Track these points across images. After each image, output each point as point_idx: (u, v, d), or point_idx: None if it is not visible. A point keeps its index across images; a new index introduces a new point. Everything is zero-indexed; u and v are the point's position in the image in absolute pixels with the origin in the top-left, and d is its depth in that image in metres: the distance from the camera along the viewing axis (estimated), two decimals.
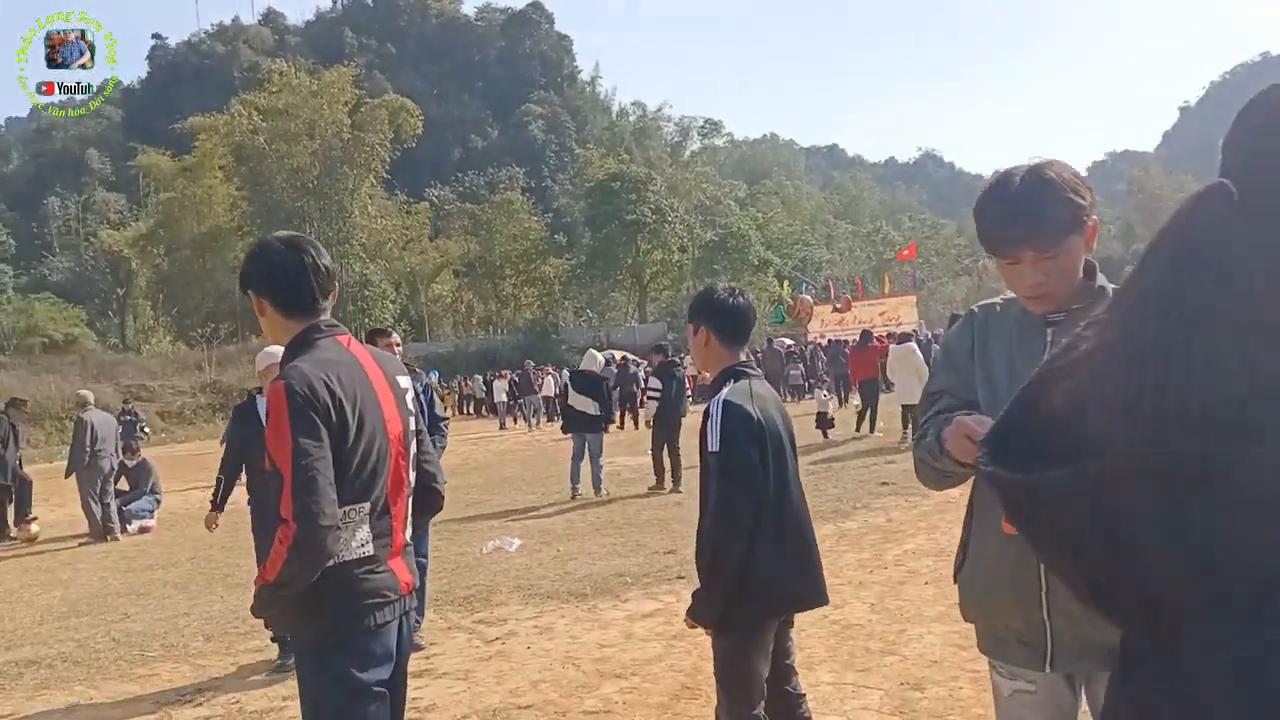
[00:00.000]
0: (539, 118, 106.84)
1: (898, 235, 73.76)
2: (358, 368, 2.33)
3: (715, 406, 2.73)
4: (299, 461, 2.09)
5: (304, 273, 2.35)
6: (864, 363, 15.76)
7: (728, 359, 2.88)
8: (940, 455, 1.94)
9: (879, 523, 7.97)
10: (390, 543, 2.32)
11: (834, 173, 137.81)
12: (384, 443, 2.30)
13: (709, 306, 2.91)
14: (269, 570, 2.16)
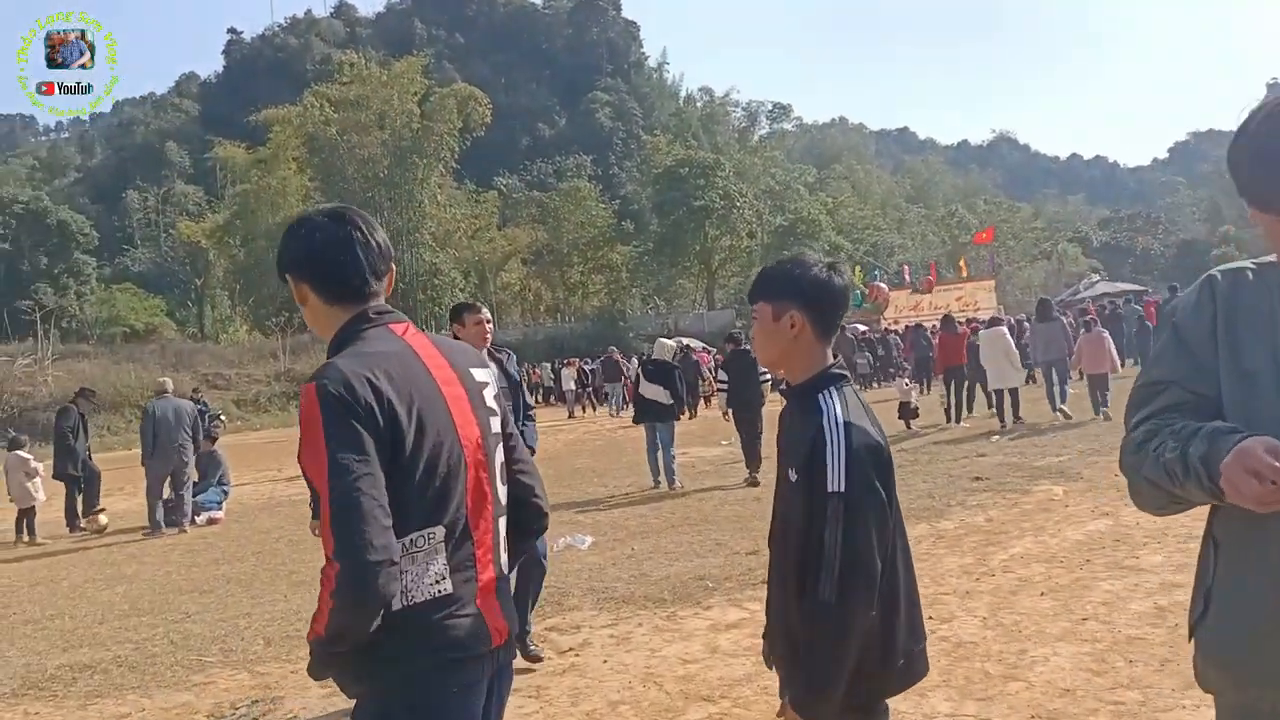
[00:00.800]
0: (606, 105, 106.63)
1: (973, 219, 71.83)
2: (414, 360, 1.89)
3: (833, 428, 2.00)
4: (338, 482, 1.66)
5: (352, 250, 1.93)
6: (950, 348, 15.03)
7: (820, 357, 2.15)
8: (1196, 483, 1.44)
9: (978, 522, 7.38)
10: (475, 577, 1.86)
11: (905, 156, 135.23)
12: (456, 450, 1.85)
13: (807, 284, 2.12)
14: (317, 622, 1.74)
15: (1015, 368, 14.00)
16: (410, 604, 1.76)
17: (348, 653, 1.74)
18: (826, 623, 1.94)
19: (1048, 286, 59.12)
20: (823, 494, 1.96)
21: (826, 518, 1.95)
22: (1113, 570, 5.52)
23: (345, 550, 1.64)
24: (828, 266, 2.19)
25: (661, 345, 12.67)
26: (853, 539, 1.93)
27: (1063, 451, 10.58)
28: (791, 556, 2.04)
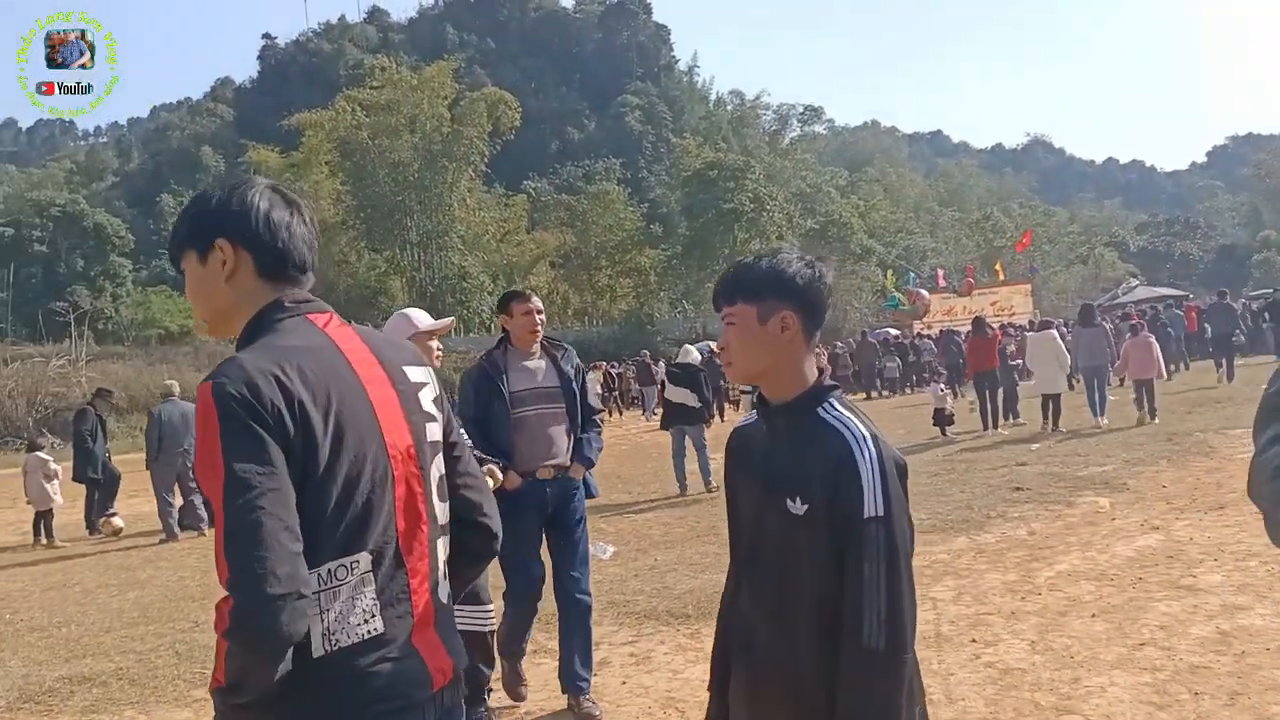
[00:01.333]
0: (636, 109, 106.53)
1: (1008, 222, 70.89)
2: (335, 355, 1.60)
3: (863, 444, 1.74)
4: (235, 500, 1.39)
5: (303, 225, 1.69)
6: (981, 353, 14.61)
7: (813, 366, 1.86)
8: None
9: (1020, 536, 7.02)
10: (410, 610, 1.59)
11: (938, 159, 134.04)
12: (382, 461, 1.57)
13: (800, 282, 1.82)
14: (217, 667, 1.46)
15: (1064, 372, 13.66)
16: (335, 648, 1.48)
17: (257, 706, 1.45)
18: (876, 674, 1.65)
19: (1084, 291, 58.19)
20: (859, 521, 1.68)
21: (865, 548, 1.67)
22: (1169, 590, 5.16)
23: (241, 581, 1.36)
24: (814, 261, 1.90)
25: (686, 350, 12.55)
26: (895, 571, 1.66)
27: (1106, 461, 10.17)
28: (807, 598, 1.74)
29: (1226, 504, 7.24)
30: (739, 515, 1.94)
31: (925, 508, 8.44)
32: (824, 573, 1.71)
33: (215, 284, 1.66)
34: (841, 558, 1.69)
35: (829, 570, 1.71)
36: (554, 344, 4.56)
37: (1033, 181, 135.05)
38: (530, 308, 4.39)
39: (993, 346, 14.77)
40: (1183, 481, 8.54)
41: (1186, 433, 11.60)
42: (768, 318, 1.80)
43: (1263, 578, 5.17)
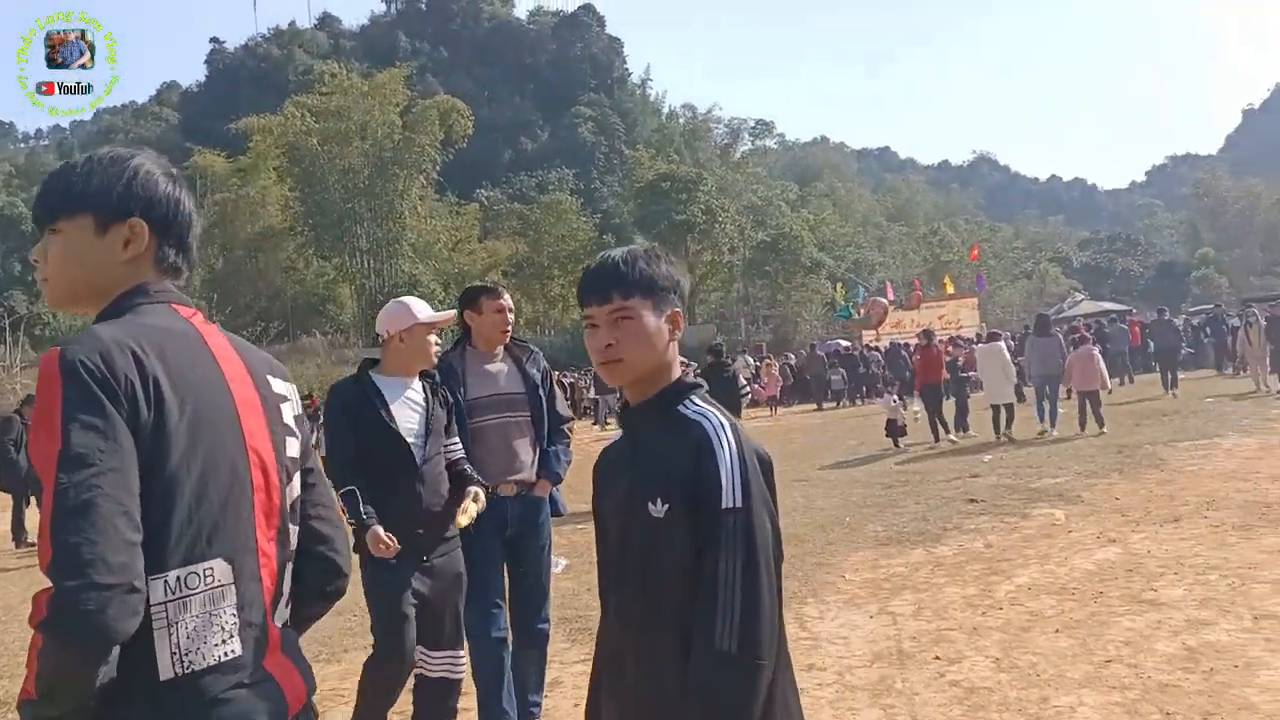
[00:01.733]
0: (589, 120, 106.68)
1: (955, 237, 71.89)
2: (200, 345, 1.47)
3: (719, 433, 1.65)
4: (70, 475, 1.22)
5: (196, 217, 1.59)
6: (929, 365, 14.65)
7: (678, 363, 1.80)
8: None
9: (977, 548, 6.94)
10: (265, 629, 1.42)
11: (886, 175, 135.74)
12: (243, 464, 1.42)
13: (680, 278, 1.79)
14: (27, 676, 1.26)
15: (1011, 382, 13.87)
16: (188, 670, 1.31)
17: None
18: (727, 680, 1.52)
19: (1029, 306, 59.11)
20: (716, 512, 1.58)
21: (721, 541, 1.57)
22: (1130, 605, 5.09)
23: (66, 566, 1.19)
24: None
25: None
26: (753, 568, 1.56)
27: (1059, 473, 10.18)
28: (673, 610, 1.61)
29: (1181, 517, 7.24)
30: (606, 539, 1.82)
31: (880, 520, 8.36)
32: (688, 578, 1.60)
33: (104, 259, 1.50)
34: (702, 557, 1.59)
35: (693, 575, 1.59)
36: (519, 345, 4.11)
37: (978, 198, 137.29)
38: (503, 304, 3.97)
39: (939, 359, 14.89)
40: (1136, 494, 8.55)
41: (1136, 445, 11.69)
42: (663, 313, 1.74)
43: (1224, 592, 5.12)
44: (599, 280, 1.74)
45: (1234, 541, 6.29)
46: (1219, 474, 9.17)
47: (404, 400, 3.54)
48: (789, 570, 6.63)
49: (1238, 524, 6.78)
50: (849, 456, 13.54)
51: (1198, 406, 15.80)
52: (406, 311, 3.55)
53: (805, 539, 7.70)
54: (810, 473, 12.08)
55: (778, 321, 56.39)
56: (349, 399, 3.54)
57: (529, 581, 4.00)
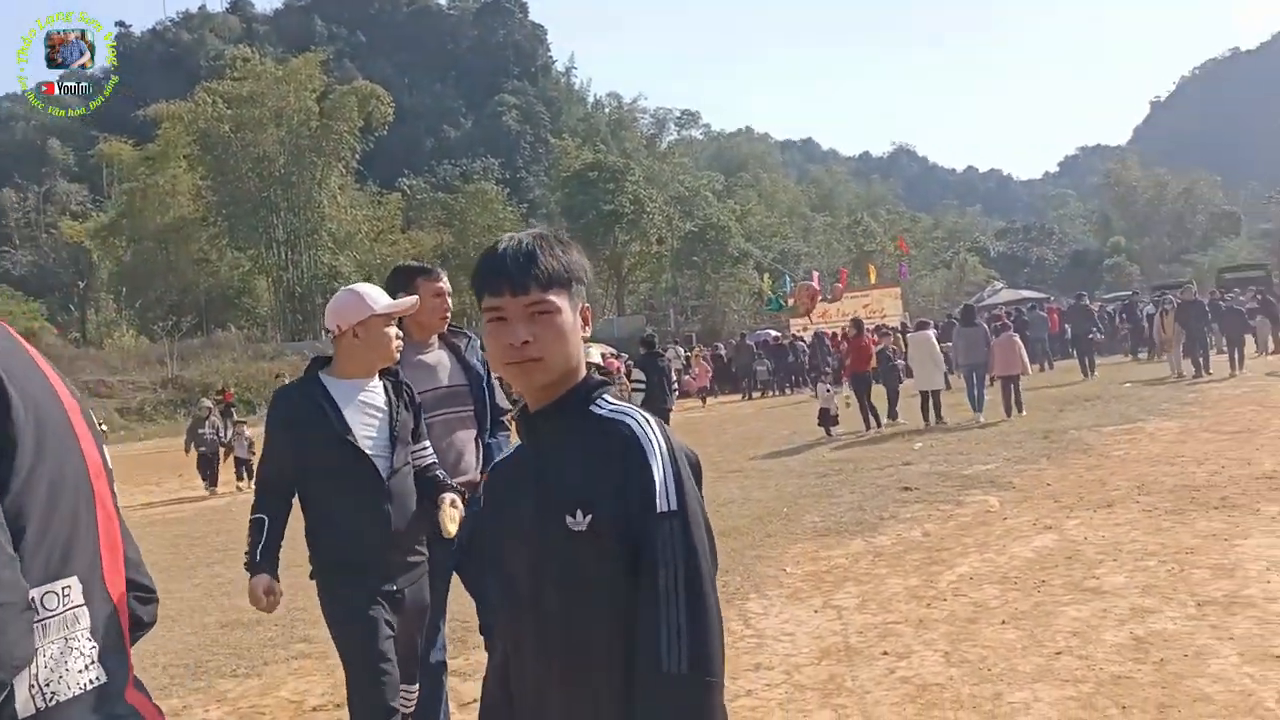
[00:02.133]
0: (513, 108, 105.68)
1: (877, 227, 72.96)
2: (24, 351, 1.28)
3: (647, 432, 1.49)
4: None
5: None
6: (859, 354, 14.72)
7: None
8: None
9: (915, 537, 6.89)
10: (123, 656, 1.28)
11: (809, 166, 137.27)
12: (85, 476, 1.27)
13: (587, 267, 1.63)
14: None
15: (940, 370, 14.10)
16: (51, 703, 1.15)
17: None
18: (678, 703, 1.36)
19: (949, 295, 60.34)
20: (651, 517, 1.41)
21: (659, 549, 1.40)
22: (1074, 593, 5.05)
23: None
24: None
25: (586, 351, 12.14)
26: (695, 577, 1.41)
27: (989, 460, 10.25)
28: (604, 635, 1.44)
29: (1114, 502, 7.29)
30: (505, 568, 1.58)
31: (817, 510, 8.29)
32: (619, 595, 1.43)
33: None
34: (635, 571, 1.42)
35: (624, 590, 1.42)
36: (454, 331, 3.71)
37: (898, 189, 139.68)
38: (441, 287, 3.52)
39: (869, 347, 14.98)
40: (1066, 479, 8.62)
41: (1062, 430, 11.86)
42: (576, 307, 1.57)
43: (1165, 579, 5.11)
44: (514, 268, 1.51)
45: (1168, 526, 6.33)
46: (1145, 458, 9.32)
47: (361, 406, 2.99)
48: (729, 564, 6.51)
49: (1170, 508, 6.84)
50: (782, 446, 13.51)
51: (1118, 392, 16.17)
52: (360, 301, 2.99)
53: (744, 532, 7.58)
54: (744, 463, 12.00)
55: (706, 312, 56.55)
56: (294, 411, 2.99)
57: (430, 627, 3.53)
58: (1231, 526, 6.12)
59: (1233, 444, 9.66)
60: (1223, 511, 6.57)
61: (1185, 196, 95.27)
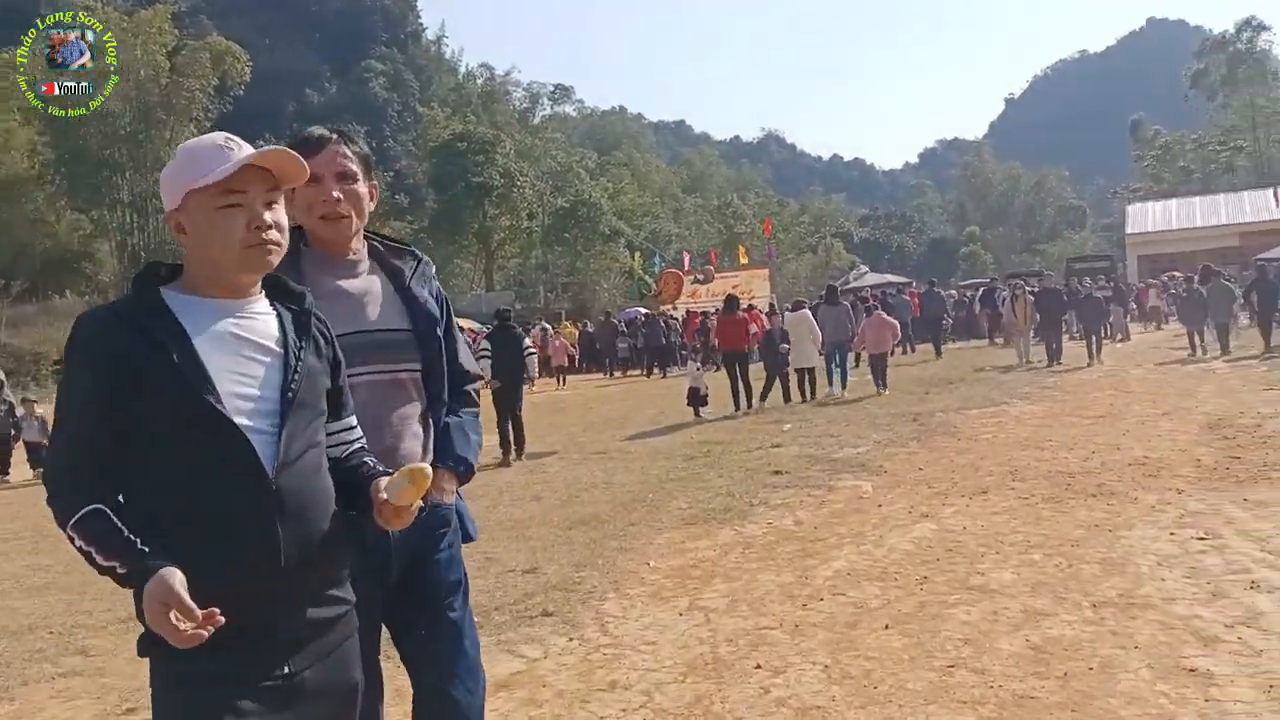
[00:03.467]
0: (381, 75, 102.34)
1: (747, 209, 73.58)
2: None
3: None
4: None
5: None
6: (731, 332, 14.36)
7: None
8: None
9: (788, 526, 6.42)
10: None
11: (681, 149, 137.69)
12: None
13: None
14: None
15: (816, 348, 14.33)
16: None
17: None
18: None
19: (814, 278, 61.33)
20: None
21: None
22: (960, 591, 4.63)
23: None
24: None
25: None
26: None
27: (859, 442, 9.95)
28: None
29: (989, 488, 7.00)
30: None
31: (685, 495, 7.76)
32: None
33: None
34: None
35: None
36: (394, 248, 2.43)
37: (767, 173, 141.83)
38: (343, 164, 2.21)
39: (744, 326, 14.67)
40: (937, 464, 8.35)
41: (929, 413, 11.71)
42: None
43: (1054, 575, 4.75)
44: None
45: (1048, 515, 6.03)
46: (1015, 442, 9.16)
47: (232, 342, 1.74)
48: (587, 558, 5.90)
49: (1046, 496, 6.58)
50: (650, 427, 12.99)
51: (981, 376, 16.29)
52: (181, 166, 1.75)
53: (606, 520, 6.97)
54: (610, 444, 11.42)
55: (577, 289, 55.85)
56: (111, 344, 1.68)
57: (442, 652, 2.29)
58: (1113, 516, 5.86)
59: (1098, 429, 9.63)
60: (1101, 499, 6.33)
61: (1036, 190, 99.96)
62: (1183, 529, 5.43)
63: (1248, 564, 4.66)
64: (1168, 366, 16.03)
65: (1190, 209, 49.26)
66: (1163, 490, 6.48)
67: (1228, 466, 7.11)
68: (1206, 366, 15.43)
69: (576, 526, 6.81)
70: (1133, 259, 48.02)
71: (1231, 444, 8.08)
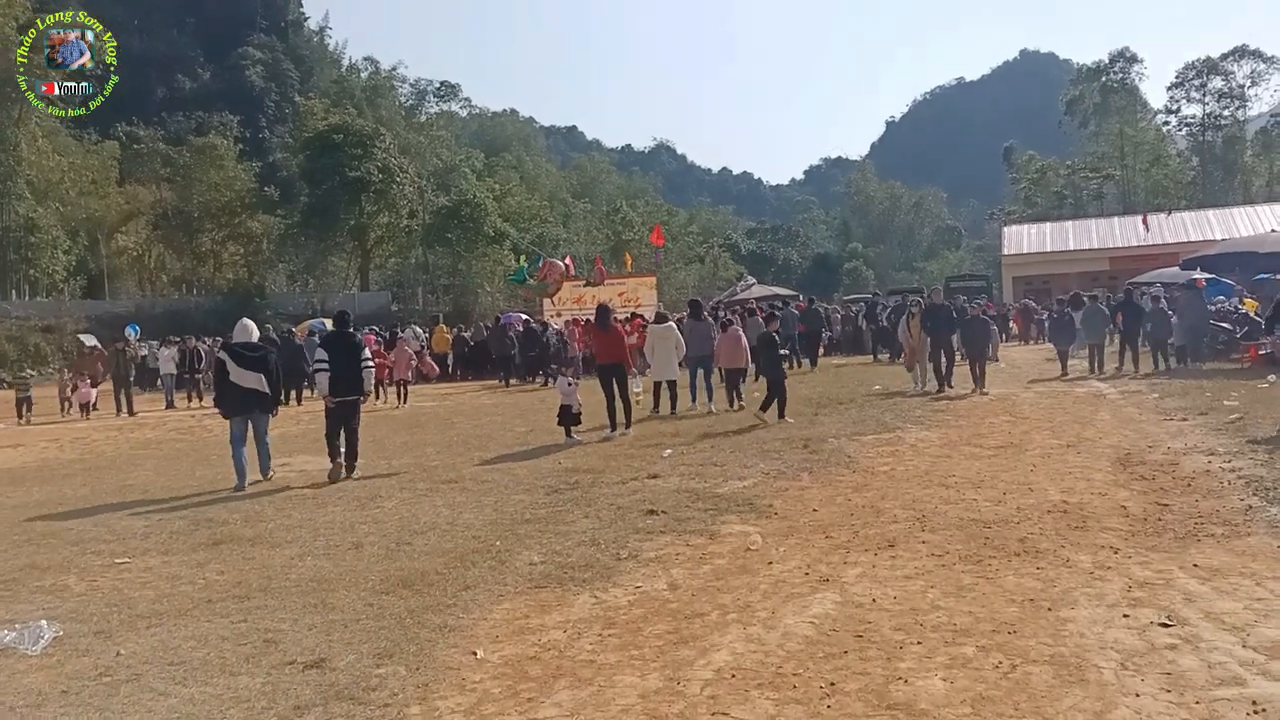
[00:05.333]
0: (258, 63, 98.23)
1: (636, 216, 72.76)
2: None
3: None
4: None
5: None
6: (608, 345, 12.87)
7: None
8: None
9: (659, 592, 5.21)
10: None
11: (573, 154, 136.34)
12: None
13: None
14: None
15: (676, 361, 14.22)
16: None
17: None
18: None
19: (702, 288, 60.90)
20: None
21: None
22: (879, 714, 3.49)
23: None
24: None
25: (246, 326, 10.40)
26: None
27: (745, 473, 8.84)
28: None
29: (895, 540, 5.95)
30: None
31: (540, 543, 6.48)
32: None
33: None
34: None
35: None
36: None
37: (658, 183, 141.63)
38: None
39: (619, 338, 13.21)
40: (833, 502, 7.29)
41: (820, 439, 10.71)
42: None
43: (994, 681, 3.66)
44: None
45: (970, 582, 4.98)
46: (914, 476, 8.20)
47: None
48: (396, 641, 4.45)
49: (964, 553, 5.55)
50: (514, 448, 11.62)
51: (871, 397, 15.49)
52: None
53: (434, 580, 5.62)
54: (465, 470, 10.02)
55: (458, 292, 53.93)
56: None
57: None
58: (1048, 586, 4.84)
59: (1002, 462, 8.76)
60: (1027, 560, 5.34)
61: (915, 209, 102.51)
62: (1136, 608, 4.44)
63: (1235, 668, 3.66)
64: (1053, 389, 15.55)
65: (1063, 232, 50.55)
66: (1095, 549, 5.53)
67: (1159, 517, 6.24)
68: (1095, 391, 14.99)
69: (395, 590, 5.44)
70: (1008, 279, 48.95)
71: (1152, 486, 7.26)
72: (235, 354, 9.92)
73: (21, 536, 7.45)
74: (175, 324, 40.43)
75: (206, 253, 55.03)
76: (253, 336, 10.24)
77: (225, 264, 55.64)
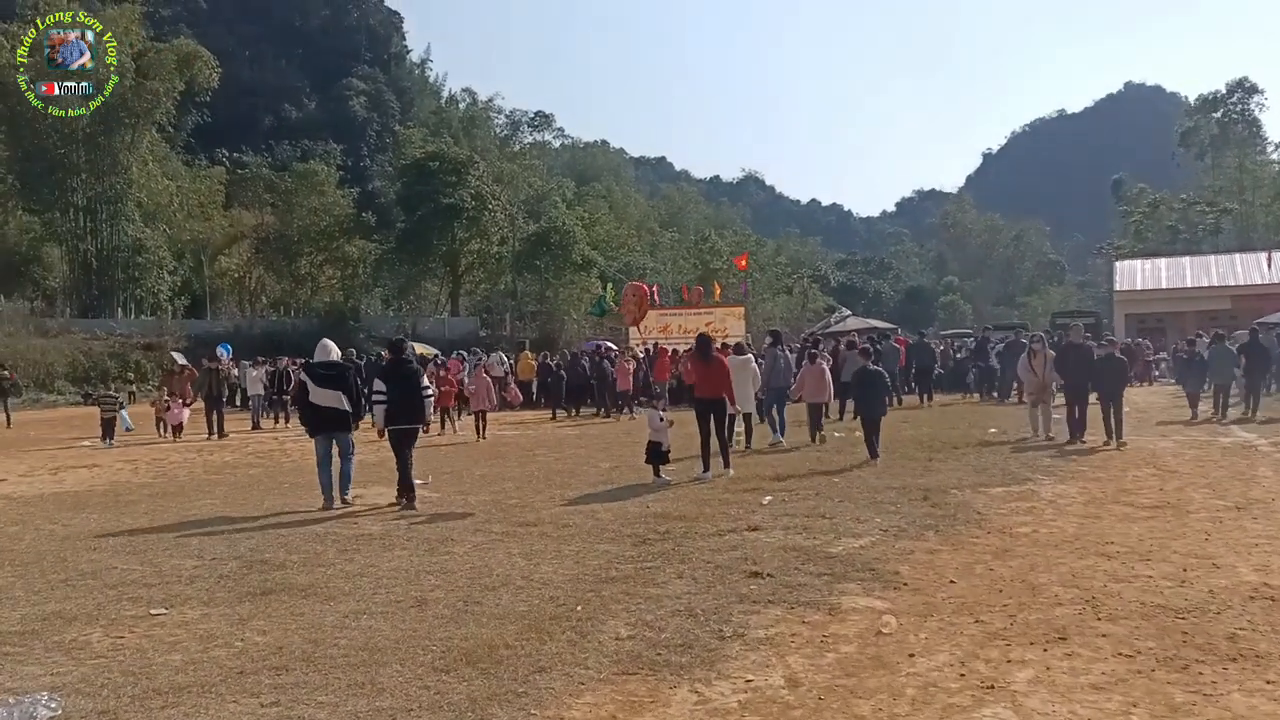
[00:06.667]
0: (361, 94, 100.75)
1: (724, 245, 71.82)
2: None
3: None
4: None
5: None
6: (711, 377, 11.76)
7: None
8: None
9: (773, 688, 4.21)
10: None
11: (661, 184, 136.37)
12: None
13: None
14: None
15: (754, 391, 13.96)
16: None
17: None
18: None
19: (790, 320, 59.61)
20: None
21: None
22: None
23: None
24: None
25: (326, 346, 10.23)
26: None
27: (859, 527, 7.77)
28: None
29: (1066, 631, 4.83)
30: None
31: (627, 610, 5.52)
32: None
33: None
34: None
35: None
36: None
37: (745, 214, 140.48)
38: None
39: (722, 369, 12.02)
40: (973, 572, 6.19)
41: (941, 489, 9.56)
42: None
43: None
44: None
45: (1184, 701, 3.87)
46: (1063, 541, 7.03)
47: None
48: None
49: (1161, 654, 4.42)
50: (598, 486, 10.71)
51: (989, 443, 14.19)
52: None
53: (504, 658, 4.71)
54: (545, 511, 9.13)
55: (545, 318, 53.62)
56: None
57: None
58: None
59: (1164, 526, 7.52)
60: (1249, 668, 4.19)
61: (1016, 242, 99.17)
62: None
63: None
64: (1194, 439, 14.02)
65: (1180, 269, 47.86)
66: None
67: None
68: (1243, 441, 13.46)
69: (457, 668, 4.54)
70: (1119, 316, 46.50)
71: None
72: (314, 373, 9.95)
73: (59, 576, 6.81)
74: (271, 344, 40.79)
75: (304, 275, 55.94)
76: (331, 356, 10.10)
77: (322, 287, 56.46)
